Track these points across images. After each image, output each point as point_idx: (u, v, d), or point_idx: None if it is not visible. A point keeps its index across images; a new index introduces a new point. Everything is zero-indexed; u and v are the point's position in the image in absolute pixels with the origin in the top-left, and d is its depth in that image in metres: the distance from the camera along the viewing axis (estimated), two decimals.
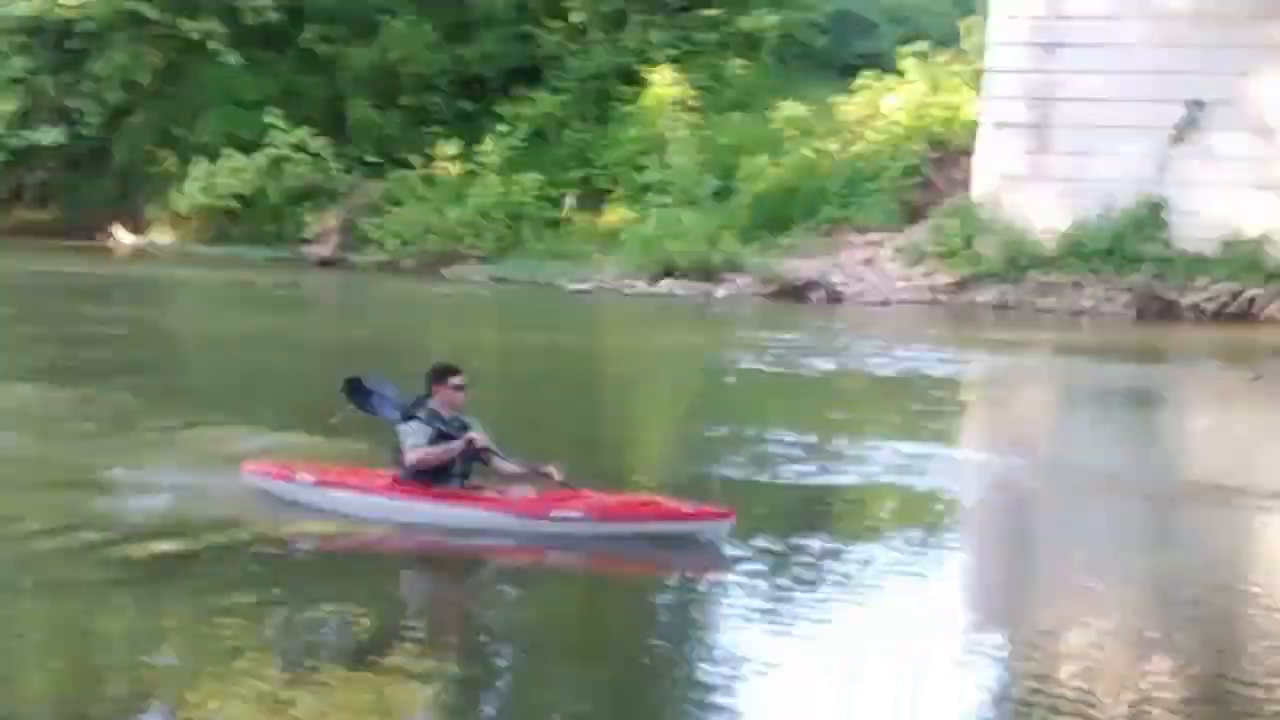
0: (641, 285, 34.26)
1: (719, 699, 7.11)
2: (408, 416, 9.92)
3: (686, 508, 10.05)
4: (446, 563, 10.16)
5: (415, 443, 9.77)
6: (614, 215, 38.13)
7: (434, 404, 9.94)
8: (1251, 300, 31.25)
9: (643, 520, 9.91)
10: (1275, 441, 16.99)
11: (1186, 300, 31.52)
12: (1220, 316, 30.92)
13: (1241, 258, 31.85)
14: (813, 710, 7.12)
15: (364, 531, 10.03)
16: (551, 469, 9.85)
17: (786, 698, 7.23)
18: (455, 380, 10.07)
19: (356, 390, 10.39)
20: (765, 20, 42.32)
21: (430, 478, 9.85)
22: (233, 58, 41.46)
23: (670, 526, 9.87)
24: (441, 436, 9.80)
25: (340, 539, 10.04)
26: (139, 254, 40.47)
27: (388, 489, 10.08)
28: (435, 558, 10.13)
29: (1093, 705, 7.42)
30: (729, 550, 9.68)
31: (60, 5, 39.79)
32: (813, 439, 14.54)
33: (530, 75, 41.98)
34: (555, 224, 38.98)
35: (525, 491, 9.97)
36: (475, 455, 9.93)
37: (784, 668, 7.72)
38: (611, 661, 7.92)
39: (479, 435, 9.91)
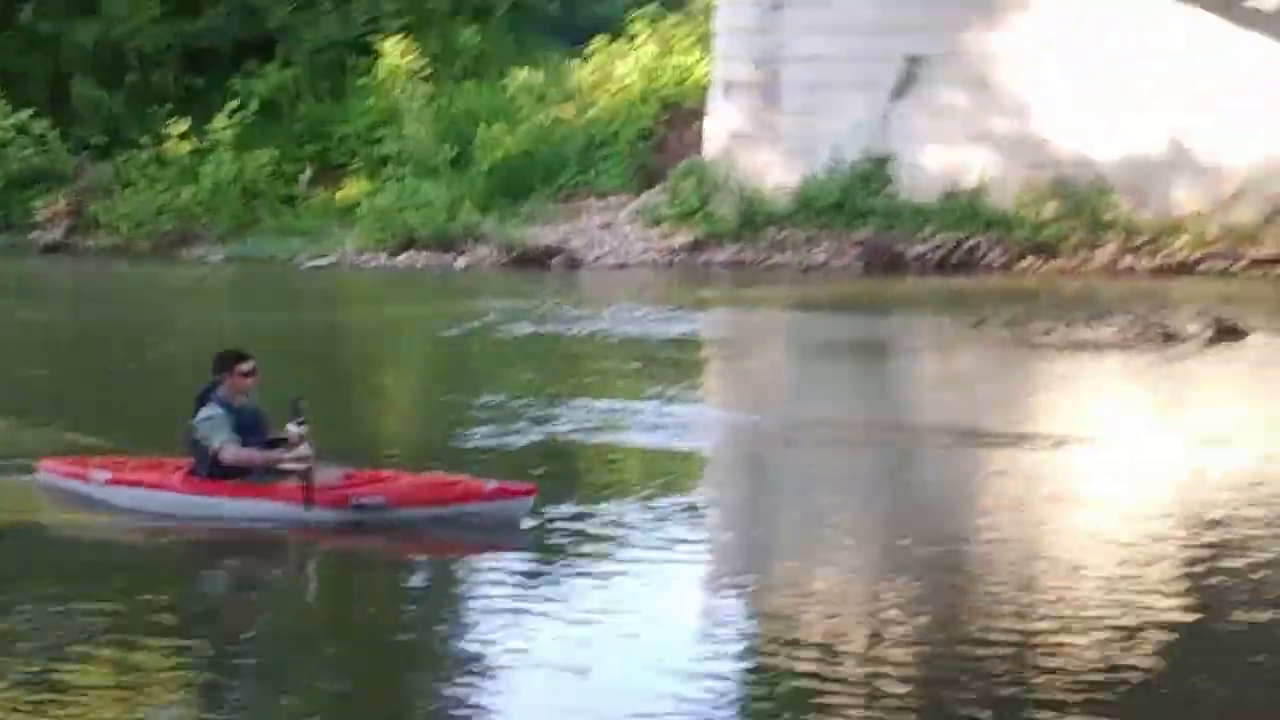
0: (383, 259, 34.05)
1: (471, 676, 7.26)
2: (201, 403, 9.70)
3: (487, 486, 9.96)
4: (236, 552, 9.87)
5: (226, 438, 9.55)
6: (352, 189, 37.78)
7: (222, 392, 9.75)
8: (972, 249, 32.23)
9: (442, 503, 9.83)
10: (997, 384, 17.45)
11: (912, 252, 32.31)
12: (944, 266, 31.77)
13: (962, 207, 32.79)
14: (566, 662, 7.26)
15: (159, 527, 9.81)
16: (289, 429, 9.59)
17: (539, 660, 7.40)
18: (243, 367, 9.87)
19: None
20: None
21: (234, 472, 9.67)
22: None
23: (470, 508, 9.79)
24: (239, 429, 9.62)
25: (132, 534, 9.83)
26: None
27: (184, 484, 9.86)
28: (227, 547, 9.82)
29: (838, 637, 7.82)
30: (525, 525, 9.73)
31: None
32: (555, 402, 14.72)
33: (261, 49, 41.28)
34: (292, 200, 38.54)
35: (325, 476, 9.65)
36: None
37: (542, 634, 7.77)
38: (369, 642, 7.92)
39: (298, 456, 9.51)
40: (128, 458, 10.65)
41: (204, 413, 9.64)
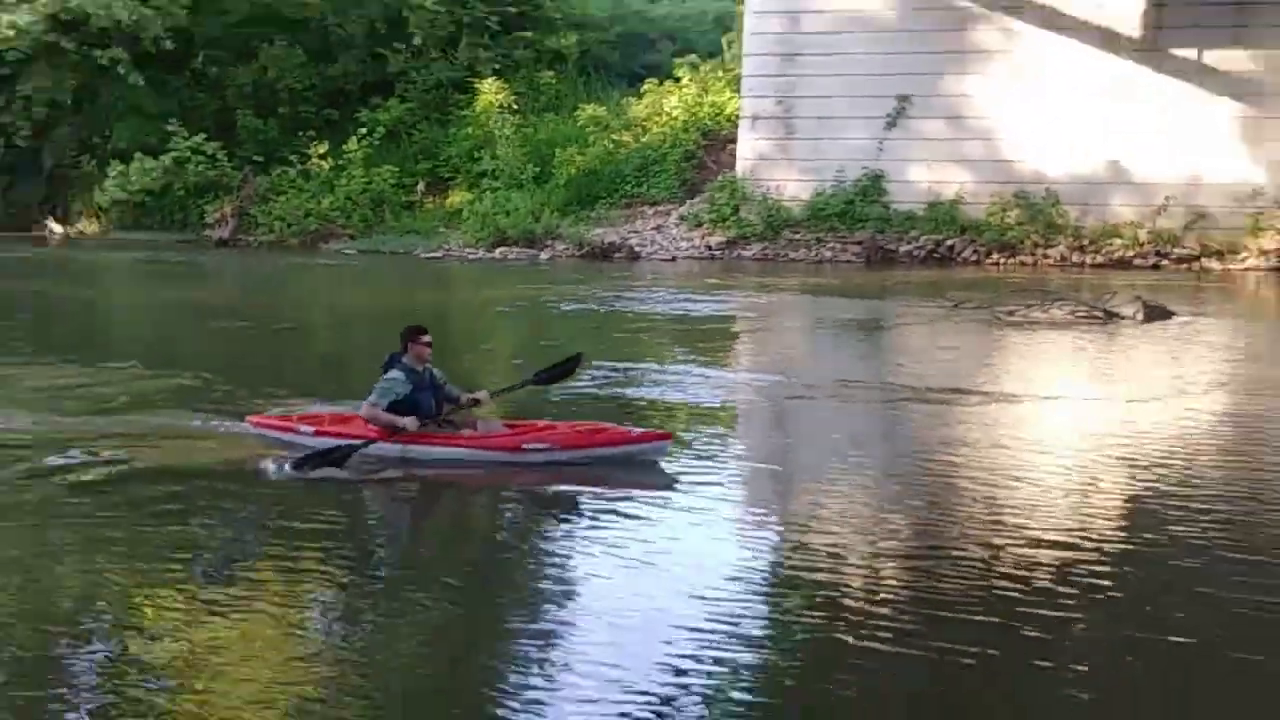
0: (481, 253, 34.26)
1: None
2: (386, 368, 9.66)
3: (633, 433, 9.94)
4: (407, 488, 9.67)
5: (379, 398, 9.53)
6: (456, 198, 37.81)
7: (407, 359, 9.64)
8: (950, 247, 32.14)
9: (597, 446, 9.65)
10: (971, 354, 17.37)
11: (902, 250, 32.24)
12: (927, 261, 31.67)
13: (941, 215, 32.69)
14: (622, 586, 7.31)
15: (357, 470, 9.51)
16: (479, 395, 9.82)
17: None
18: (424, 338, 9.72)
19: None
20: (568, 40, 42.33)
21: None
22: (137, 78, 40.43)
23: (619, 450, 9.65)
24: (417, 388, 9.52)
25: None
26: (68, 241, 39.39)
27: (376, 434, 9.63)
28: (410, 491, 9.67)
29: (843, 558, 7.87)
30: (664, 465, 9.61)
31: None
32: (624, 364, 14.64)
33: (383, 88, 41.44)
34: (410, 206, 38.66)
35: (497, 427, 9.63)
36: (440, 406, 9.70)
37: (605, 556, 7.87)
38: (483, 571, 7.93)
39: (410, 422, 9.46)
40: (319, 414, 10.43)
41: (388, 375, 9.60)
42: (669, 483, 9.45)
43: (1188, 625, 6.53)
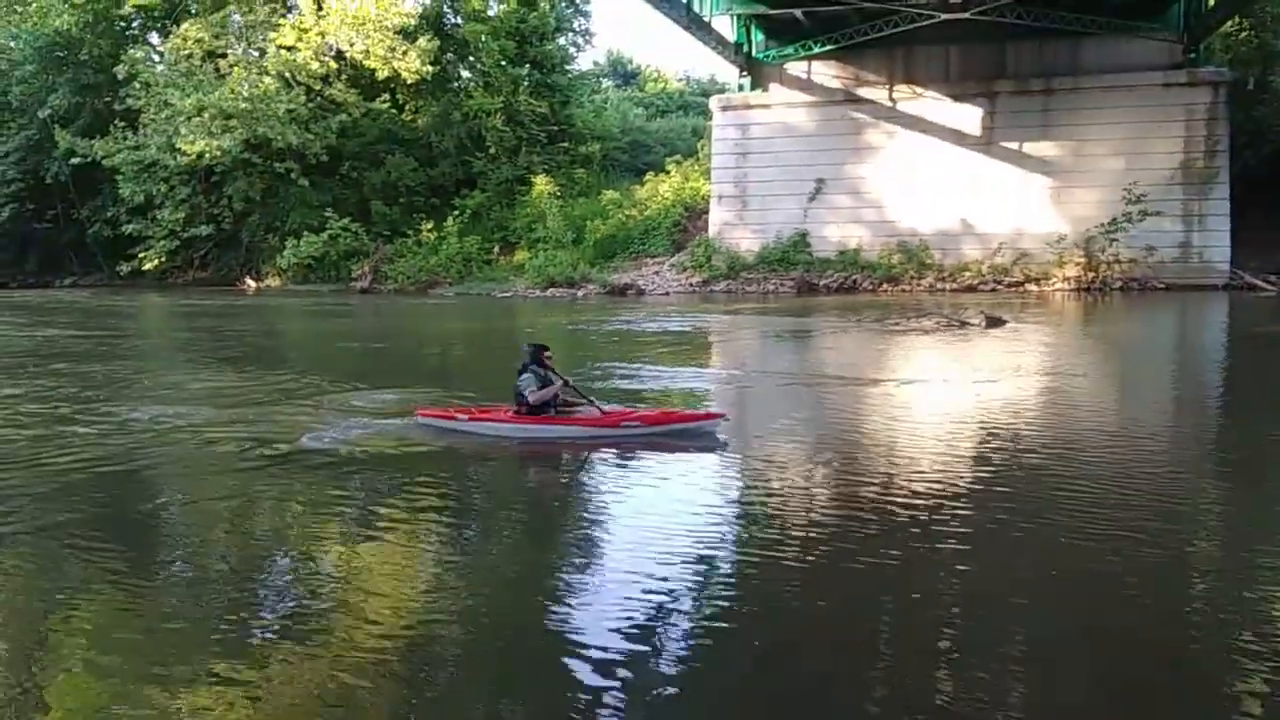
0: (537, 292, 34.27)
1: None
2: (522, 373, 9.34)
3: (699, 414, 9.71)
4: (540, 459, 9.12)
5: (533, 389, 9.21)
6: (520, 256, 37.86)
7: (535, 366, 9.35)
8: (854, 281, 32.17)
9: (673, 423, 9.33)
10: (869, 351, 17.29)
11: (821, 283, 32.29)
12: (839, 290, 31.68)
13: (848, 259, 32.75)
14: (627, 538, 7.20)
15: (499, 445, 9.17)
16: (596, 403, 9.36)
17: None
18: (548, 352, 9.49)
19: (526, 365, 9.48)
20: (593, 147, 42.58)
21: (540, 410, 9.27)
22: (304, 181, 40.64)
23: (690, 425, 9.30)
24: (544, 384, 9.29)
25: (482, 450, 9.07)
26: (259, 292, 39.48)
27: (514, 419, 9.35)
28: (537, 456, 9.15)
29: (784, 497, 7.79)
30: (720, 438, 9.19)
31: (204, 157, 38.62)
32: (636, 364, 14.58)
33: (469, 184, 41.59)
34: (489, 263, 38.71)
35: (593, 412, 9.27)
36: (556, 397, 9.37)
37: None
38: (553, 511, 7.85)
39: (559, 385, 9.29)
40: (471, 407, 9.88)
41: (525, 376, 9.31)
42: (662, 454, 9.07)
43: (1026, 538, 6.54)
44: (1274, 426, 10.15)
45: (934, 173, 32.23)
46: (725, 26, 34.69)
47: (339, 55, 39.59)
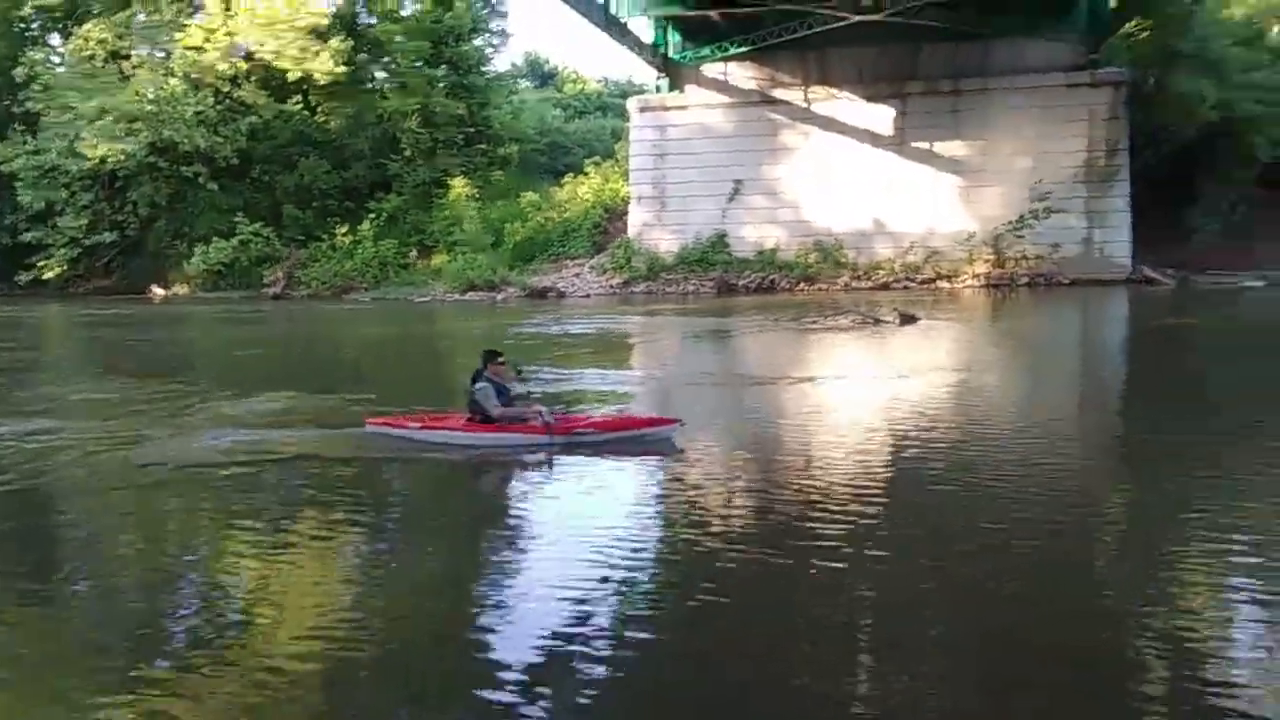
0: (456, 296, 33.94)
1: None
2: (475, 381, 9.02)
3: (654, 417, 9.41)
4: (493, 465, 8.77)
5: (495, 402, 8.91)
6: (438, 259, 37.44)
7: (488, 372, 9.07)
8: (772, 280, 32.57)
9: (627, 429, 9.10)
10: (789, 350, 17.51)
11: (740, 283, 32.62)
12: (757, 290, 32.07)
13: (765, 259, 33.14)
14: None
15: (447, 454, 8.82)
16: (539, 409, 9.04)
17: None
18: (499, 359, 9.24)
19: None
20: (511, 149, 42.41)
21: (488, 420, 8.94)
22: (213, 186, 39.60)
23: (644, 432, 9.05)
24: (500, 394, 8.98)
25: (428, 457, 8.77)
26: (167, 300, 38.38)
27: (467, 427, 9.01)
28: (482, 464, 8.76)
29: (705, 488, 7.84)
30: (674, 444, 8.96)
31: (107, 161, 37.42)
32: (560, 367, 14.34)
33: (385, 186, 41.01)
34: (406, 267, 38.21)
35: (549, 418, 8.87)
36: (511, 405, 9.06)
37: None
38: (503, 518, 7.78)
39: (532, 410, 8.98)
40: (422, 415, 9.52)
41: (479, 385, 8.98)
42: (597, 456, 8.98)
43: (935, 511, 6.69)
44: (1170, 418, 10.55)
45: (848, 173, 32.77)
46: (642, 28, 34.90)
47: (248, 56, 38.68)
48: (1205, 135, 32.38)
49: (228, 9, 38.16)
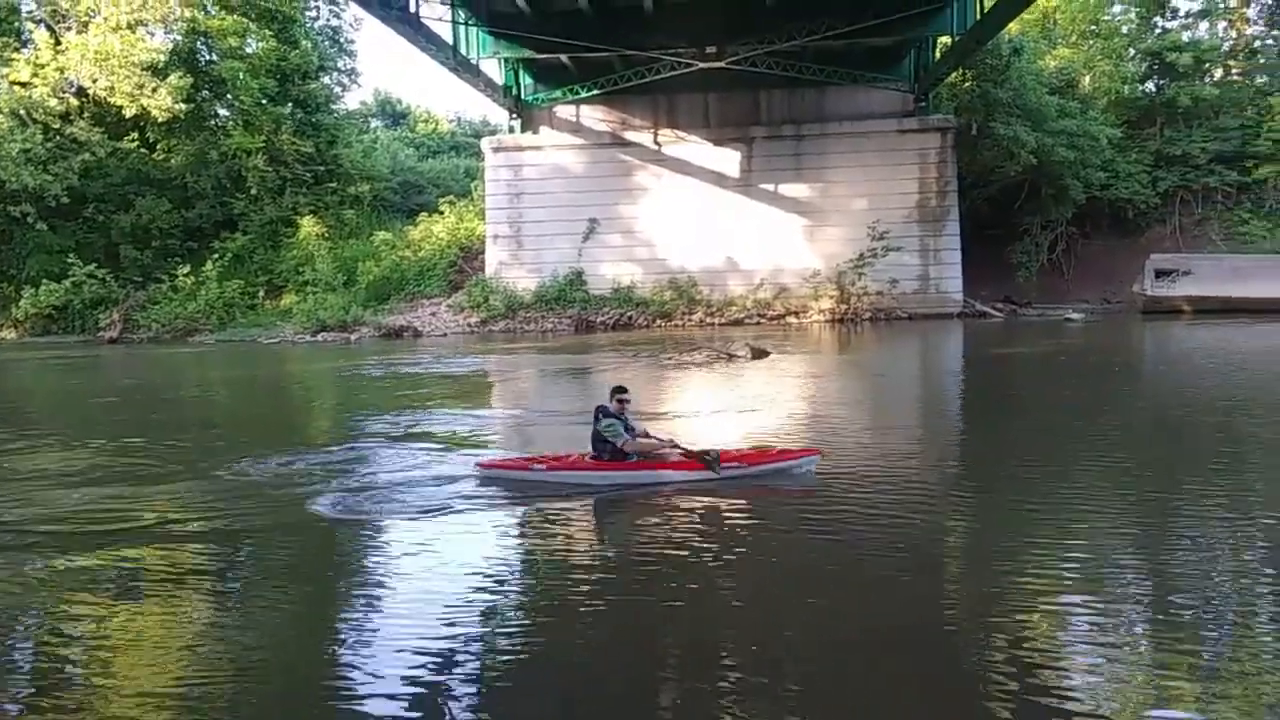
0: (307, 337, 32.95)
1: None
2: (602, 417, 8.92)
3: (795, 452, 9.36)
4: (622, 504, 8.51)
5: (626, 437, 8.81)
6: (288, 300, 36.31)
7: (612, 407, 8.95)
8: (629, 317, 32.91)
9: (771, 462, 9.05)
10: (646, 386, 17.58)
11: (598, 320, 32.85)
12: (615, 327, 32.35)
13: (622, 296, 33.50)
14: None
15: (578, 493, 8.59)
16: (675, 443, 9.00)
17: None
18: (624, 395, 9.08)
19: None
20: (363, 188, 41.49)
21: (622, 455, 8.83)
22: (42, 225, 37.33)
23: (786, 464, 9.05)
24: (626, 429, 8.90)
25: (559, 499, 8.43)
26: None
27: (596, 465, 8.83)
28: (620, 501, 8.54)
29: (590, 551, 7.86)
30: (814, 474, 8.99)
31: None
32: (416, 409, 14.24)
33: (230, 225, 39.53)
34: (254, 307, 36.82)
35: (673, 452, 8.78)
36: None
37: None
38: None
39: (660, 439, 9.03)
40: (544, 455, 9.34)
41: (605, 421, 8.89)
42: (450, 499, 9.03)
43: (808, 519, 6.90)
44: (1007, 444, 11.22)
45: (700, 213, 33.59)
46: (494, 69, 34.94)
47: (80, 92, 36.83)
48: (1025, 178, 34.74)
49: (57, 43, 36.37)
